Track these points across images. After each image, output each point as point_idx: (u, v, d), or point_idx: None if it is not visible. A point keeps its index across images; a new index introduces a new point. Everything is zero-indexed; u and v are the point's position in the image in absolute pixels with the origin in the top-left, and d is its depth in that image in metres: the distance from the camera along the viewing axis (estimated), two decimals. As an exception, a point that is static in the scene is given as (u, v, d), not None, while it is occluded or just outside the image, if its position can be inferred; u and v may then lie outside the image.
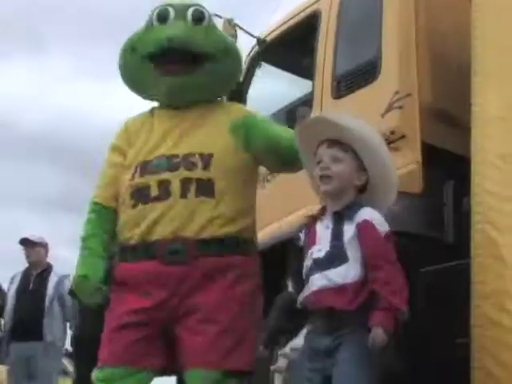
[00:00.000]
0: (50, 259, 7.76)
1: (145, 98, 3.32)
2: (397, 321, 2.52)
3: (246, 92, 5.61)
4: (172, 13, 3.14)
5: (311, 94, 5.08)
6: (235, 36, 5.57)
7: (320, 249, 2.65)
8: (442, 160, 4.28)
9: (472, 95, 3.54)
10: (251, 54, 5.89)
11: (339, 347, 2.56)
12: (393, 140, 4.33)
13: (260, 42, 5.77)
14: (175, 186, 2.89)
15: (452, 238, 3.95)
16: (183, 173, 2.91)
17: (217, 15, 5.46)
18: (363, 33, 4.89)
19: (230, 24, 5.53)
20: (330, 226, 2.69)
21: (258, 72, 5.88)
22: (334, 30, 5.00)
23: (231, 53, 3.21)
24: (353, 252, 2.61)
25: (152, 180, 2.93)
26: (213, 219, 2.87)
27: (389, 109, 4.38)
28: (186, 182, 2.89)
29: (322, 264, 2.62)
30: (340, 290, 2.57)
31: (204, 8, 3.23)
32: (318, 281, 2.61)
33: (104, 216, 3.07)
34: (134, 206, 2.95)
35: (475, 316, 3.18)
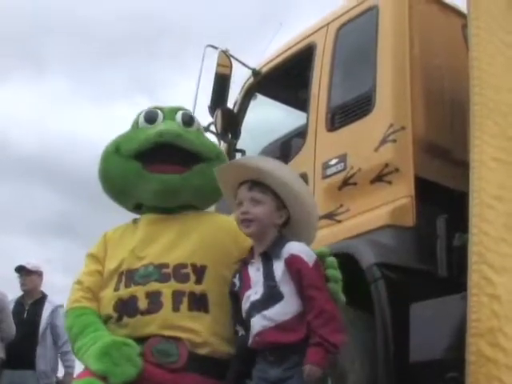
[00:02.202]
0: (43, 286, 7.77)
1: (128, 206, 3.21)
2: (331, 353, 2.55)
3: (240, 123, 5.63)
4: (160, 115, 3.13)
5: (305, 125, 5.12)
6: (230, 67, 5.65)
7: (256, 291, 2.69)
8: (434, 194, 4.32)
9: (470, 137, 3.59)
10: (246, 85, 5.94)
11: (289, 380, 2.59)
12: (386, 173, 4.39)
13: (255, 73, 5.81)
14: (167, 298, 2.77)
15: (444, 272, 3.97)
16: (174, 285, 2.79)
17: (212, 46, 5.59)
18: (358, 65, 4.95)
19: (225, 55, 5.60)
20: (260, 267, 2.74)
21: (253, 103, 5.92)
22: (329, 62, 5.06)
23: (222, 158, 3.17)
24: (287, 288, 2.65)
25: (139, 291, 2.80)
26: (208, 336, 2.78)
27: (383, 142, 4.42)
28: (177, 294, 2.78)
29: (260, 305, 2.66)
30: (281, 326, 2.61)
31: (191, 113, 3.25)
32: (258, 323, 2.65)
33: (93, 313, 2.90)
34: (118, 320, 2.82)
35: (470, 353, 3.23)
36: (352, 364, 3.93)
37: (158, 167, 3.01)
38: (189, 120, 3.15)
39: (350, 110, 4.75)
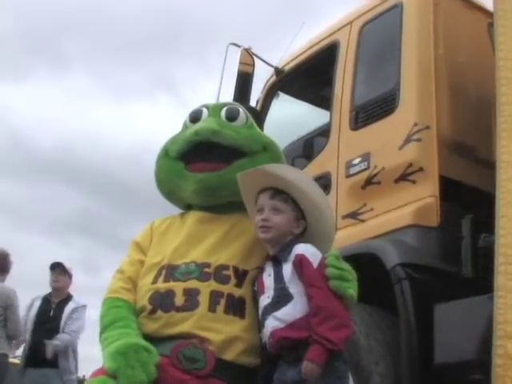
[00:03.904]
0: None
1: (180, 206, 3.22)
2: (330, 351, 2.54)
3: (263, 122, 5.58)
4: (205, 113, 3.12)
5: (328, 124, 5.11)
6: (253, 65, 5.64)
7: (268, 296, 2.72)
8: (459, 193, 4.30)
9: (497, 137, 3.56)
10: (269, 84, 5.93)
11: (306, 382, 2.58)
12: (410, 172, 4.37)
13: (277, 71, 5.81)
14: (204, 297, 2.73)
15: (469, 273, 3.95)
16: (213, 284, 2.76)
17: (234, 44, 5.59)
18: (382, 63, 4.93)
19: (248, 53, 5.59)
20: (271, 272, 2.76)
21: (275, 102, 5.92)
22: (353, 60, 5.04)
23: (271, 149, 3.12)
24: (296, 289, 2.67)
25: (177, 287, 2.77)
26: (239, 342, 2.73)
27: (407, 141, 4.40)
28: (215, 295, 2.74)
29: (271, 308, 2.68)
30: (292, 326, 2.63)
31: (241, 107, 3.21)
32: (270, 324, 2.67)
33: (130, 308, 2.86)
34: (152, 313, 2.78)
35: (497, 355, 3.21)
36: (376, 365, 3.91)
37: (198, 166, 3.01)
38: (232, 115, 3.12)
39: (374, 109, 4.73)
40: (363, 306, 3.95)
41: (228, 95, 5.55)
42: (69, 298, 7.70)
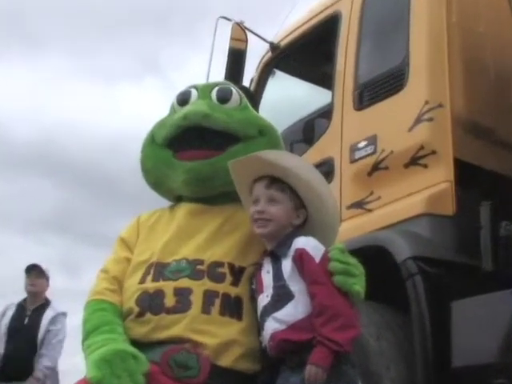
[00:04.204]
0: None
1: (169, 198, 3.21)
2: (336, 353, 2.52)
3: (258, 103, 5.57)
4: (194, 94, 3.10)
5: (330, 104, 5.10)
6: (246, 41, 5.61)
7: (267, 295, 2.71)
8: (476, 178, 4.28)
9: None
10: (263, 61, 5.91)
11: None
12: (422, 156, 4.36)
13: (273, 47, 5.79)
14: (197, 297, 2.71)
15: (489, 266, 3.91)
16: (207, 283, 2.74)
17: (225, 18, 5.55)
18: (388, 36, 4.91)
19: (240, 27, 5.56)
20: (270, 269, 2.75)
21: (271, 81, 5.90)
22: (356, 33, 5.02)
23: (268, 133, 3.10)
24: (297, 286, 2.66)
25: (168, 286, 2.75)
26: (236, 346, 2.71)
27: (417, 121, 4.39)
28: (209, 295, 2.73)
29: (271, 308, 2.67)
30: (294, 327, 2.62)
31: (234, 87, 3.18)
32: (270, 326, 2.65)
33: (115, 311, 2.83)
34: (140, 315, 2.76)
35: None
36: (387, 370, 3.90)
37: (188, 153, 2.99)
38: (224, 96, 3.10)
39: (380, 86, 4.72)
40: (372, 304, 3.94)
41: (219, 75, 5.53)
42: (46, 304, 7.63)
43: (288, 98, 6.20)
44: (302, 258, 2.66)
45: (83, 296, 2.97)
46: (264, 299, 2.71)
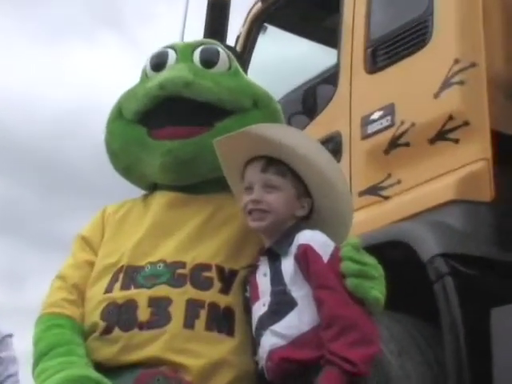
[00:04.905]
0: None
1: (142, 186, 3.22)
2: (349, 375, 2.49)
3: (246, 67, 5.59)
4: (172, 56, 3.09)
5: (336, 66, 5.12)
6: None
7: (264, 302, 2.70)
8: (520, 155, 4.28)
9: None
10: (252, 13, 5.92)
11: None
12: (451, 128, 4.36)
13: (263, -4, 5.78)
14: (178, 308, 2.70)
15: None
16: (190, 291, 2.73)
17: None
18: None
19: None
20: (267, 271, 2.75)
21: (262, 38, 5.91)
22: (367, -24, 5.04)
23: (262, 108, 3.09)
24: (300, 292, 2.65)
25: (141, 295, 2.74)
26: (227, 368, 2.71)
27: (445, 85, 4.39)
28: (193, 305, 2.72)
29: (268, 319, 2.66)
30: (297, 342, 2.60)
31: (221, 47, 3.17)
32: (267, 342, 2.65)
33: (75, 329, 2.82)
34: (106, 332, 2.75)
35: None
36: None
37: (166, 131, 2.98)
38: (209, 58, 3.08)
39: (398, 43, 4.74)
40: (393, 314, 3.97)
41: (197, 32, 5.56)
42: None
43: (283, 60, 6.19)
44: (306, 256, 2.65)
45: (31, 313, 2.95)
46: (260, 308, 2.70)
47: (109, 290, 2.80)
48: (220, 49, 3.15)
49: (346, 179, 3.29)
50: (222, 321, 2.73)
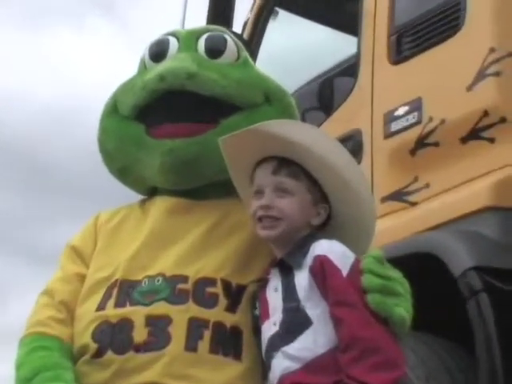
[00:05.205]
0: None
1: (140, 191, 3.23)
2: None
3: (255, 56, 5.54)
4: (174, 44, 3.11)
5: (356, 56, 5.13)
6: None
7: (275, 321, 2.71)
8: None
9: None
10: (261, -2, 5.95)
11: None
12: (486, 126, 4.33)
13: (274, -22, 5.84)
14: (179, 328, 2.71)
15: None
16: (193, 308, 2.74)
17: None
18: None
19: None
20: (279, 285, 2.77)
21: (272, 24, 5.93)
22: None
23: (275, 103, 3.11)
24: (316, 309, 2.66)
25: (137, 313, 2.75)
26: None
27: (480, 77, 4.35)
28: (196, 325, 2.72)
29: (280, 340, 2.67)
30: (312, 366, 2.60)
31: (229, 35, 3.18)
32: (279, 365, 2.65)
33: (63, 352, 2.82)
34: (98, 355, 2.75)
35: None
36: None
37: (166, 129, 2.99)
38: (215, 47, 3.09)
39: (426, 29, 4.73)
40: (419, 336, 3.96)
41: (199, 18, 5.61)
42: None
43: (296, 49, 6.22)
44: (323, 269, 2.64)
45: (13, 333, 3.02)
46: (270, 328, 2.70)
47: (101, 307, 2.80)
48: (228, 36, 3.16)
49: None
50: (228, 342, 2.73)
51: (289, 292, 2.71)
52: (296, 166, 2.81)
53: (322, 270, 2.64)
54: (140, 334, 2.70)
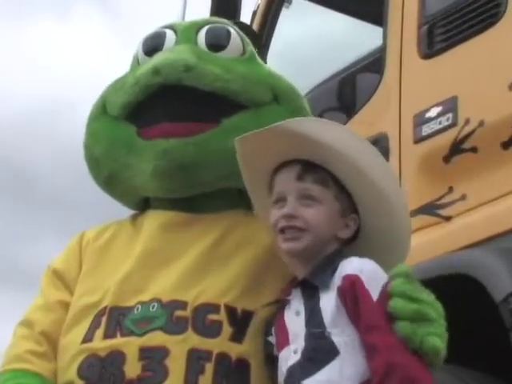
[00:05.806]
0: None
1: (129, 202, 3.26)
2: None
3: (266, 49, 5.65)
4: (171, 38, 3.16)
5: (382, 50, 5.15)
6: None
7: (295, 349, 2.71)
8: None
9: None
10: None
11: None
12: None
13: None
14: (177, 361, 2.73)
15: None
16: (193, 338, 2.76)
17: None
18: None
19: None
20: (301, 309, 2.77)
21: (285, 13, 5.94)
22: None
23: (284, 101, 3.14)
24: (344, 335, 2.66)
25: (129, 345, 2.76)
26: None
27: (524, 73, 4.37)
28: (196, 357, 2.74)
29: (302, 371, 2.66)
30: None
31: (233, 27, 3.21)
32: None
33: None
34: None
35: None
36: None
37: (160, 128, 3.01)
38: (217, 40, 3.14)
39: (462, 18, 4.74)
40: (454, 370, 3.96)
41: (201, 7, 5.64)
42: None
43: (312, 42, 6.25)
44: (354, 291, 2.65)
45: None
46: (290, 356, 2.70)
47: (88, 338, 2.83)
48: (231, 29, 3.19)
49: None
50: (233, 377, 2.75)
51: (313, 316, 2.71)
52: (323, 170, 2.82)
53: (353, 292, 2.65)
54: (133, 369, 2.72)
